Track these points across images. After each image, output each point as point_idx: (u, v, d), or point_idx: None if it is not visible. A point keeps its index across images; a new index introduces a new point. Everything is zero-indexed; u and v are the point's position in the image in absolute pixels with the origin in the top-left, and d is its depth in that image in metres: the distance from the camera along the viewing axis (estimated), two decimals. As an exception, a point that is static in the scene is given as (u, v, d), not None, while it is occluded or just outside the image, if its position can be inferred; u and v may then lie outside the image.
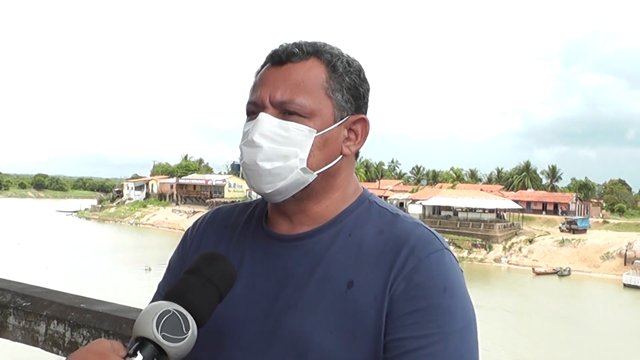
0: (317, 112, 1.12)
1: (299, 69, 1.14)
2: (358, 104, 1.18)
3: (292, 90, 1.12)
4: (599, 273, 51.20)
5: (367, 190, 1.24)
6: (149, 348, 0.93)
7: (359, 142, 1.19)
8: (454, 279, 1.08)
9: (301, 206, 1.17)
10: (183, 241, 1.33)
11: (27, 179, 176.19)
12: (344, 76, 1.16)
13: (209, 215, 1.34)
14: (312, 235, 1.16)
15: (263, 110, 1.13)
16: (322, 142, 1.13)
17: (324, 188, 1.16)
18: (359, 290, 1.07)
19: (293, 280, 1.12)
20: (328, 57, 1.15)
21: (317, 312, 1.08)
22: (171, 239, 63.96)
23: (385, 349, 1.04)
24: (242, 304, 1.13)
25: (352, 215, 1.17)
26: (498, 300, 37.55)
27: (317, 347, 1.05)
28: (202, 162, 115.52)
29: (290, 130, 1.11)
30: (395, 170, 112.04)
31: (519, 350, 26.85)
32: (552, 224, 63.95)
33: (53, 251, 50.47)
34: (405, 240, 1.09)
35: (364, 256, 1.10)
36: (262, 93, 1.14)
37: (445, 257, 1.10)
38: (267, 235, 1.21)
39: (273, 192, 1.13)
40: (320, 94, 1.13)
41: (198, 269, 1.03)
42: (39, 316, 2.23)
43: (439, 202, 66.16)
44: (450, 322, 1.04)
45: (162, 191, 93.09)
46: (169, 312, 0.94)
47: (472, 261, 55.15)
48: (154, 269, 41.01)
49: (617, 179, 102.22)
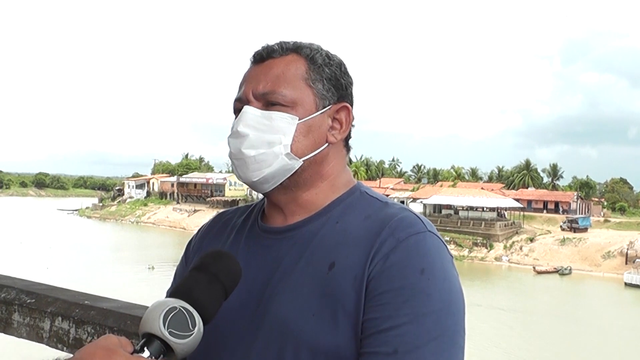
0: (298, 101, 1.16)
1: (279, 63, 1.18)
2: (340, 94, 1.21)
3: (273, 82, 1.16)
4: (600, 272, 51.11)
5: (360, 182, 1.26)
6: (155, 344, 0.93)
7: (344, 130, 1.22)
8: (434, 261, 1.06)
9: (291, 195, 1.20)
10: (187, 249, 1.37)
11: (28, 178, 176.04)
12: (323, 67, 1.19)
13: (210, 221, 1.39)
14: (302, 225, 1.18)
15: (247, 104, 1.17)
16: (305, 129, 1.16)
17: (312, 176, 1.19)
18: (340, 271, 1.08)
19: (280, 268, 1.14)
20: (307, 52, 1.20)
21: (300, 297, 1.09)
22: (172, 237, 64.06)
23: (361, 329, 1.04)
24: (236, 295, 1.14)
25: (341, 204, 1.19)
26: (498, 299, 37.55)
27: (300, 331, 1.06)
28: (202, 161, 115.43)
29: (273, 119, 1.14)
30: (395, 168, 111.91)
31: (517, 348, 26.85)
32: (553, 223, 63.84)
33: (55, 250, 50.48)
34: (387, 222, 1.10)
35: (347, 239, 1.11)
36: (246, 89, 1.18)
37: (427, 239, 1.08)
38: (261, 229, 1.24)
39: (260, 180, 1.16)
40: (301, 84, 1.17)
41: (204, 265, 1.03)
42: (44, 313, 2.25)
43: (440, 201, 66.07)
44: (425, 303, 1.02)
45: (163, 190, 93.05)
46: (176, 309, 0.94)
47: (472, 260, 55.12)
48: (157, 268, 41.08)
49: (618, 178, 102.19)
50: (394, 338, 1.00)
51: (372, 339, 1.02)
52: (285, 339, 1.08)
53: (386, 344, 1.01)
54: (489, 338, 26.13)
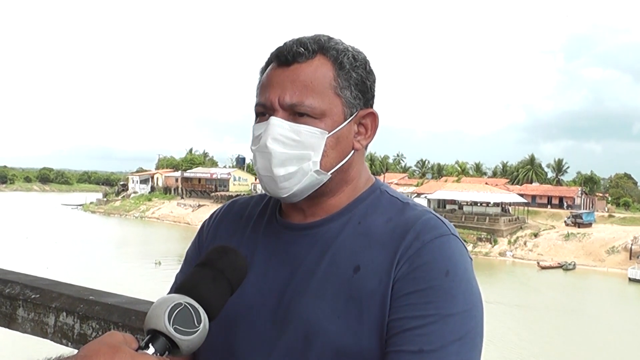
0: (327, 112, 1.12)
1: (306, 69, 1.13)
2: (366, 97, 1.19)
3: (301, 92, 1.11)
4: (604, 267, 51.06)
5: (379, 180, 1.25)
6: (160, 341, 0.92)
7: (370, 136, 1.20)
8: (457, 263, 1.08)
9: (315, 200, 1.19)
10: (200, 233, 1.36)
11: (32, 173, 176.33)
12: (351, 72, 1.16)
13: (225, 207, 1.37)
14: (323, 224, 1.18)
15: (273, 114, 1.13)
16: (334, 142, 1.14)
17: (338, 183, 1.18)
18: (365, 274, 1.08)
19: (302, 267, 1.14)
20: (334, 54, 1.15)
21: (325, 298, 1.09)
22: (177, 232, 64.16)
23: (387, 329, 1.05)
24: (255, 293, 1.16)
25: (362, 204, 1.19)
26: (502, 294, 37.51)
27: (325, 332, 1.07)
28: (207, 156, 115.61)
29: (302, 134, 1.11)
30: (400, 164, 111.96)
31: (520, 343, 26.83)
32: (558, 218, 63.75)
33: (61, 245, 50.58)
34: (411, 225, 1.10)
35: (371, 242, 1.11)
36: (271, 95, 1.13)
37: (451, 242, 1.10)
38: (280, 225, 1.23)
39: (289, 196, 1.15)
40: (329, 94, 1.13)
41: (210, 261, 1.03)
42: (48, 308, 2.25)
43: (444, 196, 66.05)
44: (450, 304, 1.04)
45: (167, 185, 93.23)
46: (181, 305, 0.94)
47: (477, 255, 55.03)
48: (164, 264, 41.09)
49: (622, 173, 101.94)
50: (419, 337, 1.02)
51: (397, 338, 1.04)
52: (310, 340, 1.08)
53: (411, 342, 1.02)
54: (492, 332, 26.13)
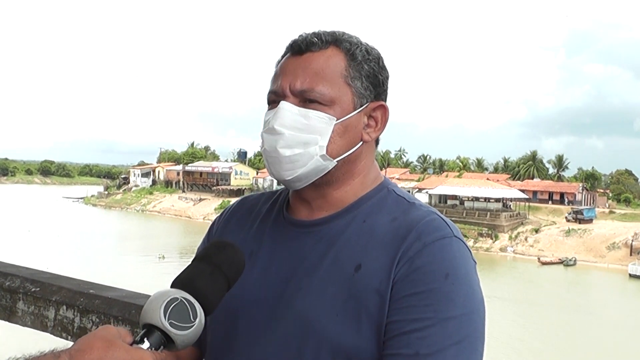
0: (336, 100, 1.14)
1: (319, 58, 1.15)
2: (377, 91, 1.19)
3: (312, 79, 1.13)
4: (604, 263, 51.02)
5: (387, 178, 1.25)
6: (156, 335, 0.92)
7: (379, 129, 1.21)
8: (458, 266, 1.07)
9: (321, 192, 1.19)
10: (209, 231, 1.36)
11: (33, 165, 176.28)
12: (362, 64, 1.17)
13: (236, 204, 1.37)
14: (329, 221, 1.18)
15: (284, 99, 1.14)
16: (342, 129, 1.15)
17: (344, 174, 1.18)
18: (366, 273, 1.08)
19: (305, 264, 1.14)
20: (347, 46, 1.17)
21: (325, 296, 1.09)
22: (179, 226, 64.21)
23: (384, 331, 1.05)
24: (257, 287, 1.16)
25: (369, 202, 1.18)
26: (502, 289, 37.53)
27: (322, 330, 1.07)
28: (208, 149, 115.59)
29: (311, 118, 1.13)
30: (401, 159, 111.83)
31: (520, 338, 26.87)
32: (558, 214, 63.67)
33: (63, 238, 50.58)
34: (414, 226, 1.10)
35: (374, 241, 1.11)
36: (283, 82, 1.15)
37: (453, 244, 1.09)
38: (286, 221, 1.24)
39: (293, 179, 1.15)
40: (340, 82, 1.14)
41: (207, 256, 1.03)
42: (48, 301, 2.24)
43: (446, 191, 65.96)
44: (449, 308, 1.03)
45: (169, 178, 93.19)
46: (177, 300, 0.93)
47: (477, 250, 55.03)
48: (168, 257, 41.11)
49: (623, 169, 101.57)
50: (416, 340, 1.01)
51: (394, 340, 1.03)
52: (306, 336, 1.08)
53: (408, 346, 1.02)
54: (492, 326, 26.16)
